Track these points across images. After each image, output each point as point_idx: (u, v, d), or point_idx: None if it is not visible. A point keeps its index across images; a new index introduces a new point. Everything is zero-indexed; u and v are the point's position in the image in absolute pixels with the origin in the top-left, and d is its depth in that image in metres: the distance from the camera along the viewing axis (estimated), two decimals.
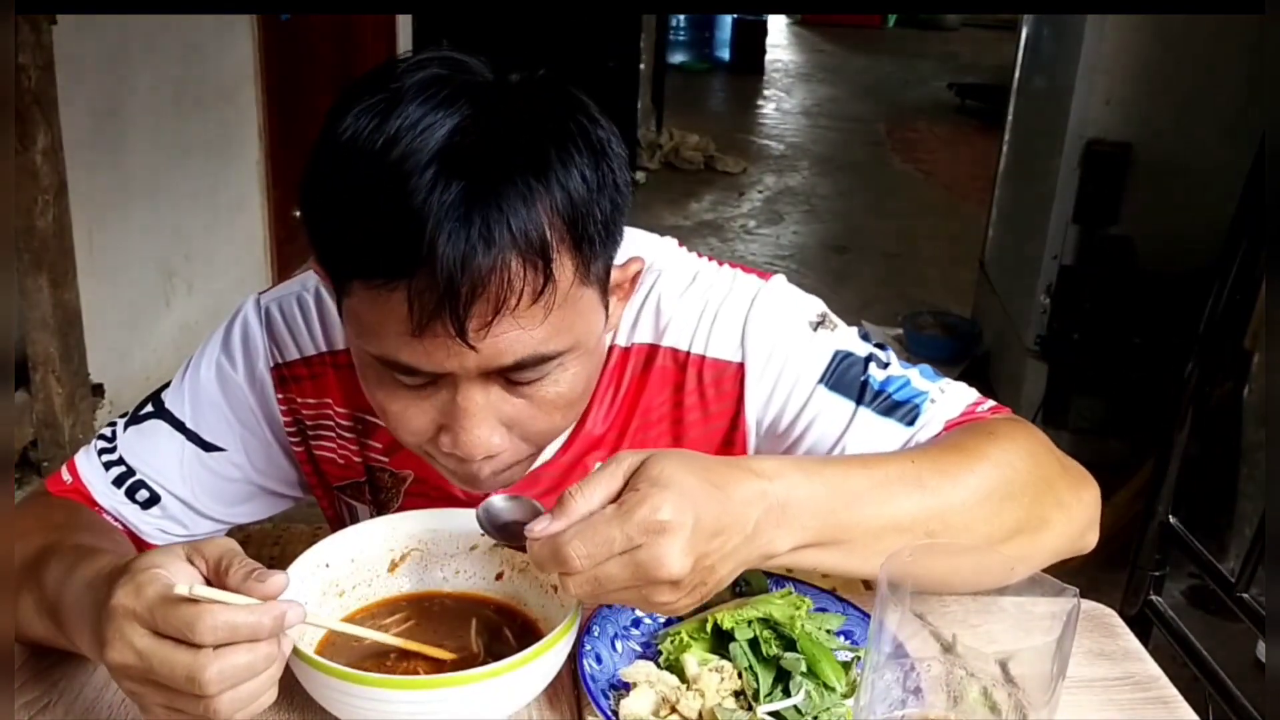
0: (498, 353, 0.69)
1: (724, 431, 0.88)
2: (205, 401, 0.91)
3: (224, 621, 0.60)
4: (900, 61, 9.42)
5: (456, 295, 0.65)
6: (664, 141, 6.06)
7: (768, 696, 0.75)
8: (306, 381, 0.91)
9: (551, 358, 0.72)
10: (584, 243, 0.69)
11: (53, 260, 2.50)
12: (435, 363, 0.69)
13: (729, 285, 0.88)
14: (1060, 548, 0.81)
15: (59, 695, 0.79)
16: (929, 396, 0.86)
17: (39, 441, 2.62)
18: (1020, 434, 0.82)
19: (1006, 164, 3.58)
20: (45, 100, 2.41)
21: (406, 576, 0.84)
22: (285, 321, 0.91)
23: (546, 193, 0.67)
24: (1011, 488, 0.77)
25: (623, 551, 0.63)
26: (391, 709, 0.68)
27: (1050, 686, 0.58)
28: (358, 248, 0.67)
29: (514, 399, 0.73)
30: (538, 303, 0.68)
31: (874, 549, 0.71)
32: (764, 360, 0.86)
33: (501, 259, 0.65)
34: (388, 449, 0.92)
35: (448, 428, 0.73)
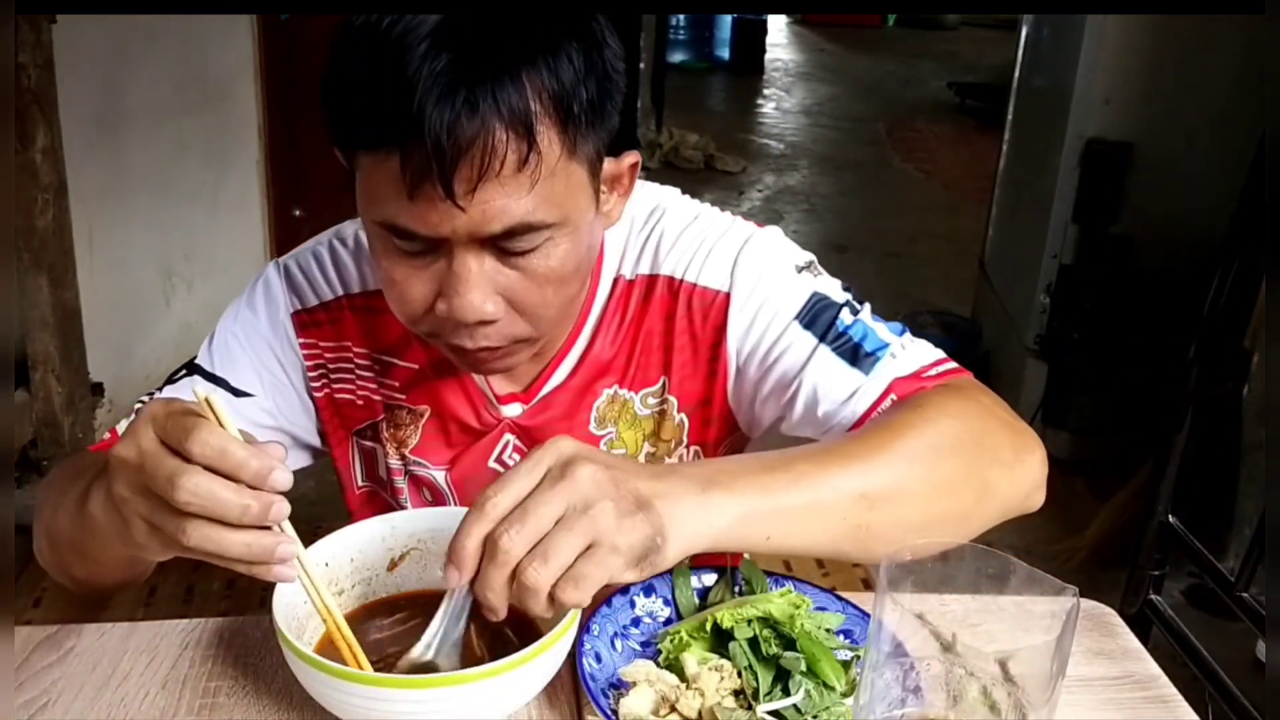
0: (486, 218, 0.73)
1: (707, 359, 0.93)
2: (233, 353, 0.95)
3: (216, 443, 0.62)
4: (900, 61, 9.42)
5: (444, 158, 0.70)
6: (664, 141, 6.06)
7: (767, 695, 0.75)
8: (326, 325, 0.96)
9: (539, 228, 0.75)
10: (570, 120, 0.73)
11: (52, 259, 2.50)
12: (429, 225, 0.74)
13: (727, 225, 0.94)
14: (1005, 507, 0.84)
15: (58, 695, 0.79)
16: (889, 350, 0.89)
17: (39, 441, 2.62)
18: (954, 401, 0.84)
19: (1006, 163, 3.58)
20: (45, 99, 2.41)
21: (406, 575, 0.84)
22: (303, 273, 0.96)
23: (533, 70, 0.71)
24: (940, 450, 0.79)
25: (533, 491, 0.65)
26: (391, 708, 0.68)
27: (1050, 685, 0.58)
28: (359, 117, 0.73)
29: (507, 270, 0.78)
30: (523, 171, 0.72)
31: (817, 515, 0.74)
32: (748, 292, 0.90)
33: (485, 126, 0.70)
34: (404, 386, 0.96)
35: (444, 294, 0.77)
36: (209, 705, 0.78)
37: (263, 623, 0.85)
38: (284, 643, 0.70)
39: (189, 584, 2.31)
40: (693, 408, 0.95)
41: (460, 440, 0.96)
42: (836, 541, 0.75)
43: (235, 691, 0.79)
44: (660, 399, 0.95)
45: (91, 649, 0.83)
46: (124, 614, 0.90)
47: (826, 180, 5.98)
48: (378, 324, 0.94)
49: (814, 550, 0.76)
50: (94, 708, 0.78)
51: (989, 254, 3.68)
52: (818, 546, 0.75)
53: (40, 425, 2.61)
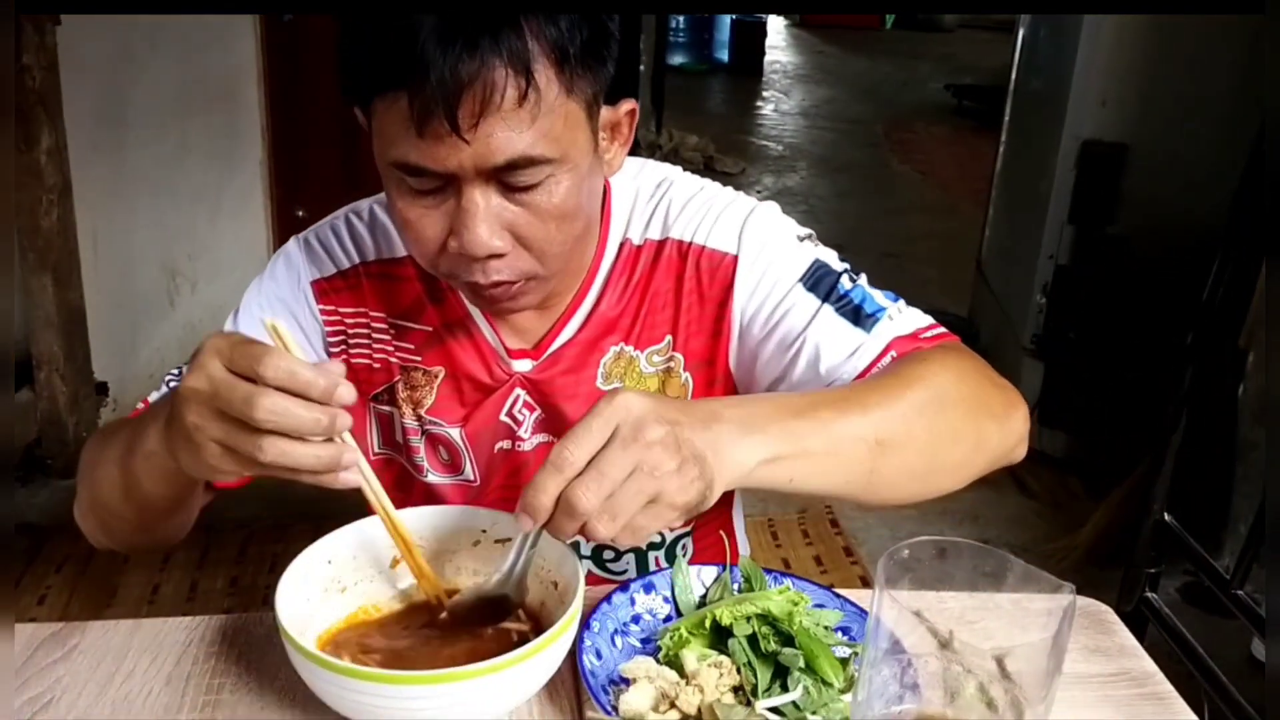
0: (490, 150, 0.77)
1: (713, 320, 0.97)
2: (257, 321, 0.97)
3: (286, 366, 0.68)
4: (898, 63, 9.41)
5: (448, 94, 0.75)
6: (663, 142, 6.06)
7: (766, 692, 0.75)
8: (345, 292, 1.00)
9: (540, 162, 0.80)
10: (566, 61, 0.78)
11: (57, 260, 2.50)
12: (438, 160, 0.78)
13: (733, 195, 1.00)
14: (996, 456, 0.89)
15: (60, 693, 0.79)
16: (887, 312, 0.94)
17: (43, 440, 2.63)
18: (951, 359, 0.90)
19: (1003, 164, 3.58)
20: (49, 100, 2.41)
21: (408, 573, 0.85)
22: (322, 244, 1.01)
23: (530, 15, 0.76)
24: (944, 402, 0.85)
25: (606, 443, 0.68)
26: (393, 704, 0.68)
27: (1046, 682, 0.58)
28: (370, 64, 0.78)
29: (512, 206, 0.82)
30: (523, 107, 0.77)
31: (837, 458, 0.78)
32: (754, 256, 0.95)
33: (486, 64, 0.75)
34: (420, 348, 1.00)
35: (455, 230, 0.82)
36: (213, 702, 0.78)
37: (266, 620, 0.85)
38: (287, 640, 0.70)
39: (192, 581, 2.31)
40: (697, 366, 0.99)
41: (473, 398, 1.00)
42: (849, 484, 0.80)
43: (239, 689, 0.80)
44: (666, 357, 0.99)
45: (95, 646, 0.84)
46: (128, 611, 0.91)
47: (825, 181, 5.98)
48: (394, 289, 0.99)
49: (827, 492, 0.80)
50: (98, 705, 0.78)
51: (986, 254, 3.69)
52: (831, 488, 0.80)
53: (45, 424, 2.61)
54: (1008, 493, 2.77)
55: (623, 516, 0.68)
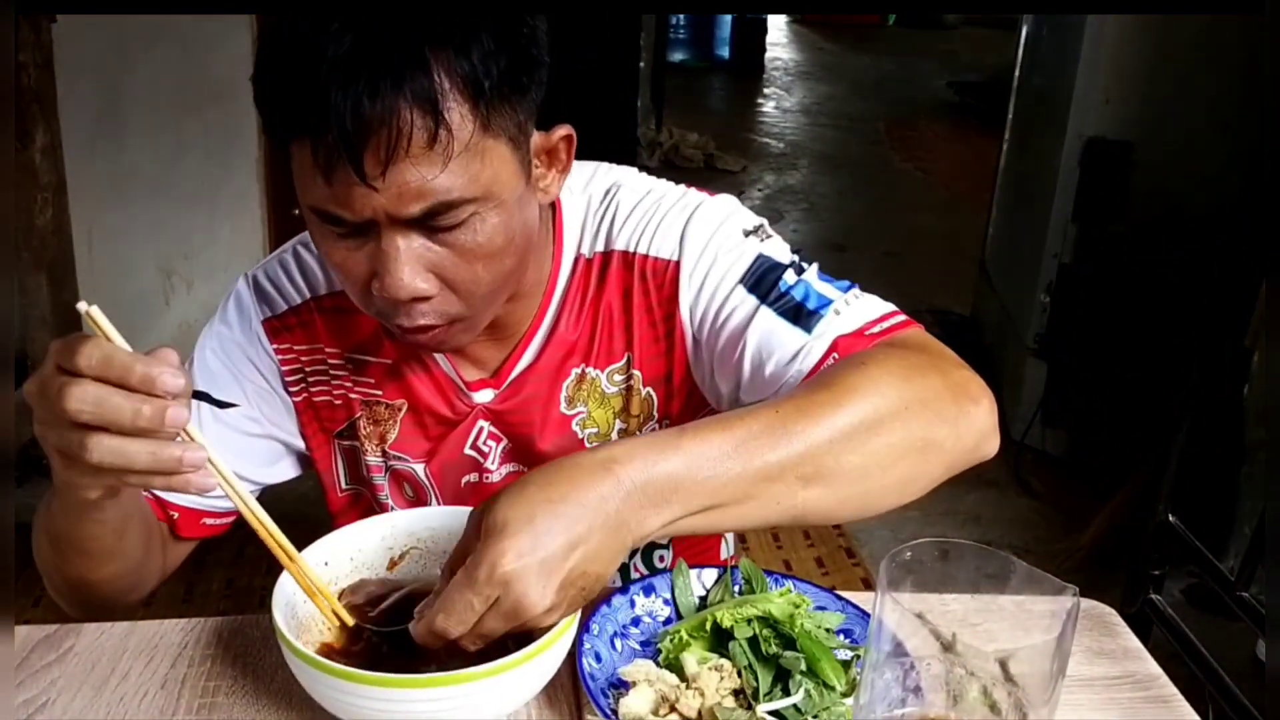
0: (403, 198, 0.74)
1: (665, 329, 0.93)
2: (211, 367, 0.96)
3: (100, 353, 0.64)
4: (900, 60, 9.41)
5: (349, 140, 0.71)
6: (663, 140, 6.06)
7: (767, 695, 0.75)
8: (297, 329, 0.96)
9: (460, 204, 0.76)
10: (481, 95, 0.74)
11: (52, 259, 2.50)
12: (352, 210, 0.75)
13: (678, 196, 0.94)
14: (952, 461, 0.81)
15: (55, 695, 0.79)
16: (833, 306, 0.87)
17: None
18: (893, 359, 0.81)
19: (1006, 162, 3.58)
20: (45, 99, 2.40)
21: (406, 574, 0.84)
22: (271, 281, 0.97)
23: (439, 49, 0.72)
24: (880, 414, 0.76)
25: (488, 609, 0.67)
26: (390, 708, 0.68)
27: (1050, 685, 0.57)
28: (274, 106, 0.75)
29: (435, 247, 0.78)
30: (434, 149, 0.73)
31: (748, 505, 0.73)
32: (696, 258, 0.91)
33: (389, 106, 0.71)
34: (380, 382, 0.97)
35: (377, 273, 0.78)
36: (208, 705, 0.78)
37: (262, 622, 0.85)
38: (283, 642, 0.70)
39: (188, 583, 2.30)
40: (655, 381, 0.95)
41: (436, 431, 0.97)
42: (768, 521, 0.76)
43: (234, 691, 0.79)
44: (625, 375, 0.95)
45: (91, 648, 0.84)
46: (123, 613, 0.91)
47: (826, 179, 5.97)
48: (348, 323, 0.95)
49: (742, 530, 0.79)
50: (93, 707, 0.78)
51: (989, 253, 3.68)
52: (749, 528, 0.77)
53: None
54: (1010, 494, 2.76)
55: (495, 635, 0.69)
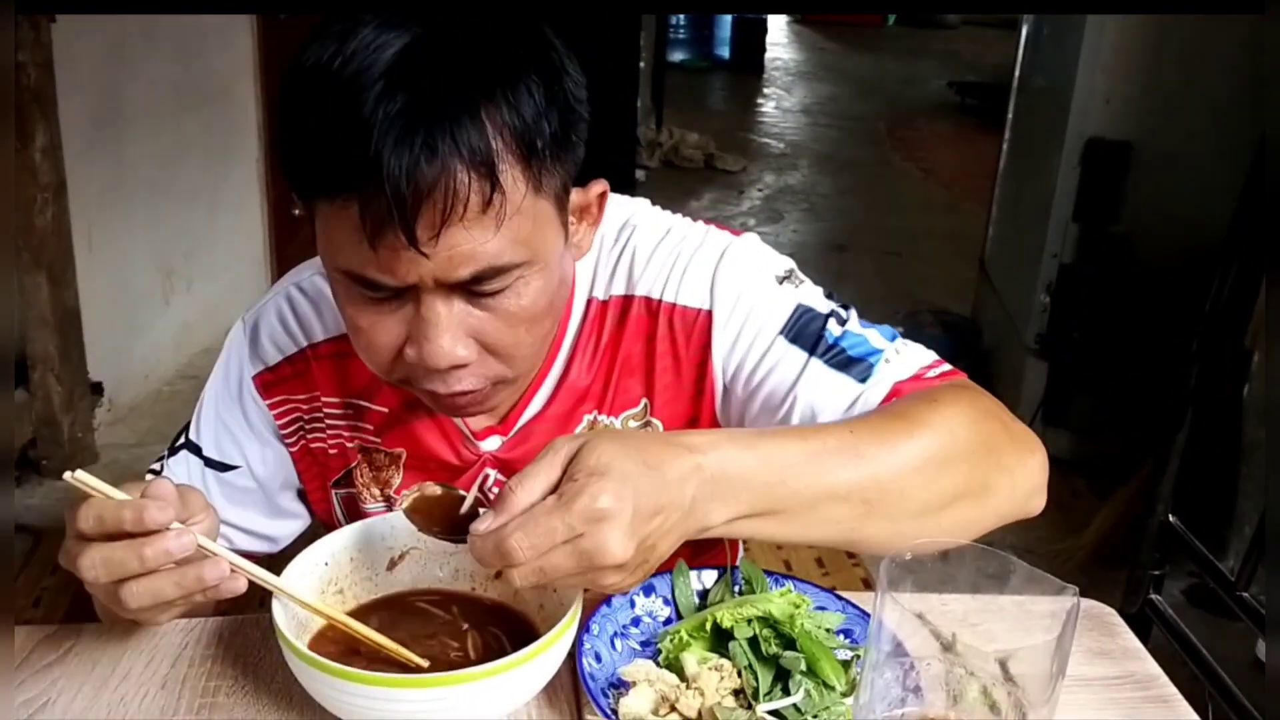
0: (452, 263, 0.71)
1: (693, 379, 0.90)
2: (214, 425, 0.95)
3: (94, 513, 0.67)
4: (900, 60, 9.41)
5: (404, 204, 0.68)
6: (664, 140, 6.06)
7: (767, 695, 0.75)
8: (292, 380, 0.94)
9: (507, 269, 0.74)
10: (533, 155, 0.71)
11: (52, 258, 2.50)
12: (395, 275, 0.72)
13: (701, 238, 0.91)
14: (1005, 511, 0.82)
15: (58, 694, 0.79)
16: (883, 355, 0.87)
17: (38, 440, 2.62)
18: (964, 400, 0.82)
19: (1006, 162, 3.58)
20: (44, 98, 2.41)
21: (406, 574, 0.84)
22: (265, 331, 0.94)
23: (493, 106, 0.69)
24: (950, 453, 0.77)
25: (565, 541, 0.65)
26: (391, 707, 0.68)
27: (1050, 685, 0.57)
28: (315, 163, 0.71)
29: (477, 311, 0.76)
30: (487, 213, 0.70)
31: (810, 518, 0.73)
32: (730, 308, 0.88)
33: (446, 168, 0.68)
34: (379, 429, 0.94)
35: (413, 339, 0.75)
36: (208, 704, 0.78)
37: (262, 622, 0.84)
38: (283, 642, 0.70)
39: None
40: (679, 429, 0.92)
41: (440, 479, 0.93)
42: (824, 541, 0.77)
43: (235, 691, 0.79)
44: (643, 421, 0.92)
45: (91, 648, 0.83)
46: None
47: (826, 179, 5.97)
48: (345, 369, 0.92)
49: (797, 545, 0.77)
50: (94, 707, 0.77)
51: (989, 253, 3.68)
52: (803, 544, 0.79)
53: (40, 424, 2.61)
54: None
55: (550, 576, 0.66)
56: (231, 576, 0.69)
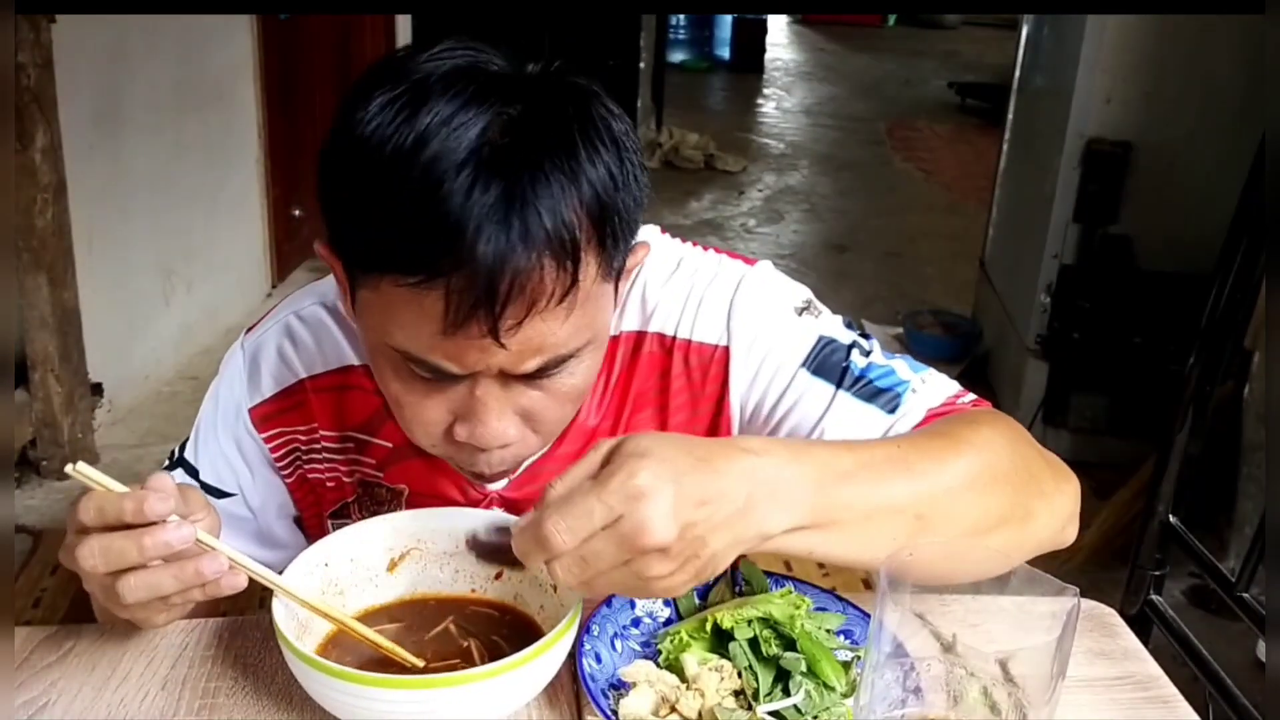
0: (523, 355, 0.70)
1: (710, 416, 0.88)
2: (211, 452, 0.93)
3: (94, 504, 0.66)
4: (901, 60, 9.41)
5: (495, 295, 0.65)
6: (664, 140, 6.06)
7: (767, 696, 0.75)
8: (291, 412, 0.91)
9: (571, 357, 0.72)
10: (608, 240, 0.70)
11: (52, 259, 2.49)
12: (463, 364, 0.70)
13: (714, 270, 0.88)
14: (1044, 539, 0.80)
15: (58, 695, 0.79)
16: (910, 386, 0.85)
17: (38, 441, 2.62)
18: (1002, 425, 0.81)
19: (1007, 163, 3.58)
20: (44, 99, 2.40)
21: (406, 576, 0.84)
22: (263, 362, 0.92)
23: (576, 191, 0.67)
24: (996, 475, 0.76)
25: (605, 526, 0.61)
26: (391, 709, 0.68)
27: (1050, 686, 0.58)
28: (393, 248, 0.67)
29: (531, 391, 0.74)
30: (564, 302, 0.68)
31: (868, 532, 0.70)
32: (749, 344, 0.86)
33: (538, 258, 0.66)
34: (381, 464, 0.92)
35: (464, 419, 0.74)
36: (209, 705, 0.78)
37: (262, 623, 0.84)
38: (283, 643, 0.70)
39: None
40: None
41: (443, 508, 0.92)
42: (875, 560, 0.69)
43: (235, 692, 0.79)
44: None
45: (91, 649, 0.83)
46: None
47: (827, 180, 5.97)
48: (346, 403, 0.90)
49: (849, 564, 0.72)
50: (93, 708, 0.77)
51: (989, 253, 3.68)
52: (856, 562, 0.71)
53: (40, 425, 2.61)
54: None
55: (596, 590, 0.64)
56: (231, 572, 0.68)
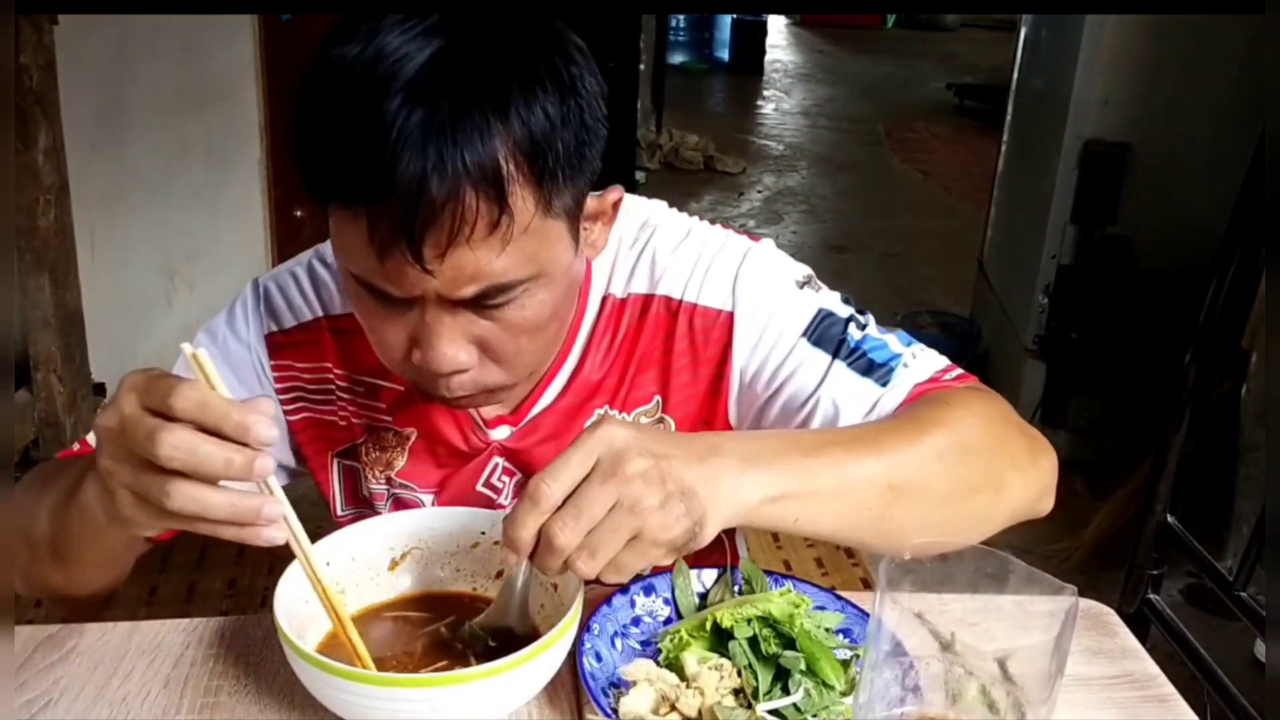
0: (457, 282, 0.72)
1: (710, 379, 0.91)
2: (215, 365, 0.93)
3: (197, 397, 0.62)
4: (899, 62, 9.41)
5: (412, 222, 0.68)
6: (663, 142, 6.05)
7: (767, 695, 0.75)
8: (304, 346, 0.93)
9: (513, 286, 0.74)
10: (545, 177, 0.71)
11: (54, 260, 2.49)
12: (401, 288, 0.73)
13: (722, 241, 0.92)
14: (1018, 508, 0.84)
15: (60, 695, 0.79)
16: (902, 360, 0.89)
17: (40, 441, 2.62)
18: (977, 402, 0.84)
19: (1005, 164, 3.58)
20: (47, 100, 2.40)
21: (407, 575, 0.84)
22: (281, 293, 0.94)
23: (505, 128, 0.69)
24: (967, 447, 0.80)
25: (587, 475, 0.66)
26: (391, 707, 0.68)
27: (1048, 685, 0.58)
28: (330, 168, 0.71)
29: (481, 321, 0.76)
30: (494, 234, 0.70)
31: (845, 501, 0.74)
32: (752, 311, 0.89)
33: (455, 189, 0.68)
34: (391, 408, 0.94)
35: (417, 344, 0.77)
36: (211, 705, 0.78)
37: (265, 622, 0.85)
38: (286, 642, 0.70)
39: (190, 583, 2.30)
40: (691, 427, 0.93)
41: (449, 462, 0.94)
42: (858, 529, 0.76)
43: (237, 691, 0.79)
44: (655, 418, 0.93)
45: (93, 648, 0.84)
46: (126, 613, 0.90)
47: (826, 181, 5.97)
48: (359, 346, 0.90)
49: (834, 536, 0.77)
50: (96, 707, 0.78)
51: (988, 254, 3.68)
52: (839, 533, 0.76)
53: (42, 425, 2.61)
54: None
55: (603, 553, 0.66)
56: (276, 525, 0.65)
